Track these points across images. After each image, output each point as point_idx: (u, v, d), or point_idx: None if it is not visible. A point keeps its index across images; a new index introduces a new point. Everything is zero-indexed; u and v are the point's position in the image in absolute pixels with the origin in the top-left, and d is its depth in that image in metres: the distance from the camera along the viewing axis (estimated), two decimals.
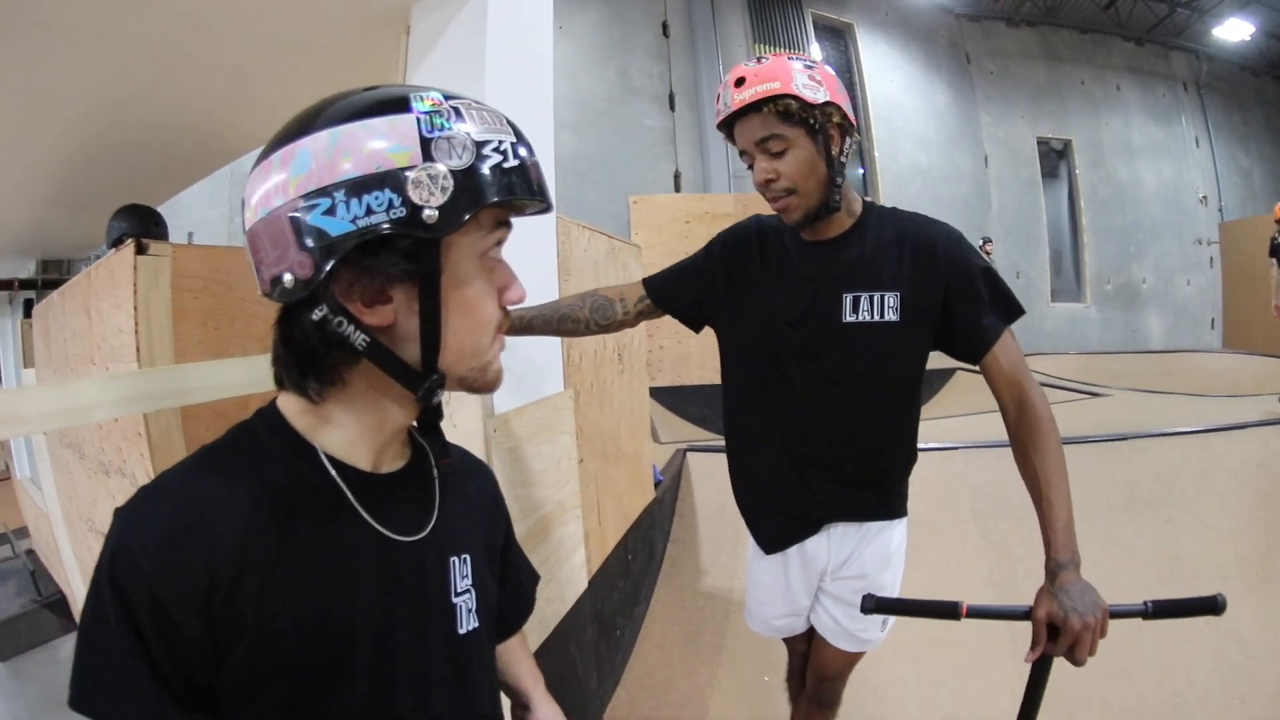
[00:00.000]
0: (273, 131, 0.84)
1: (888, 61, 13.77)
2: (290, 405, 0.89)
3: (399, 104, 0.80)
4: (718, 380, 2.03)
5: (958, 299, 1.73)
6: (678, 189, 11.37)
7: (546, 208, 0.90)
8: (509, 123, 0.86)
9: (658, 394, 7.16)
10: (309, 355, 0.84)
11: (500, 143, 0.83)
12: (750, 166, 1.70)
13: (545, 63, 2.51)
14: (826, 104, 1.63)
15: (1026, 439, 1.66)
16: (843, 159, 1.69)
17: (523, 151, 0.84)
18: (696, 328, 2.03)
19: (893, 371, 1.81)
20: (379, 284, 0.81)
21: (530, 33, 2.43)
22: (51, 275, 6.30)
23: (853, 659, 2.10)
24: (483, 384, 0.92)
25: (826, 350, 1.79)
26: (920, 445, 1.94)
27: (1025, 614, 1.48)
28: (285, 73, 2.94)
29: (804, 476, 1.87)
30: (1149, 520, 4.27)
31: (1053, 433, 1.65)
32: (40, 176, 4.01)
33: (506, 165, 0.82)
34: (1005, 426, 1.73)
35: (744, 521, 2.06)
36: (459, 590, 0.98)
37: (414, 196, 0.77)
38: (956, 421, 6.25)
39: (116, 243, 3.31)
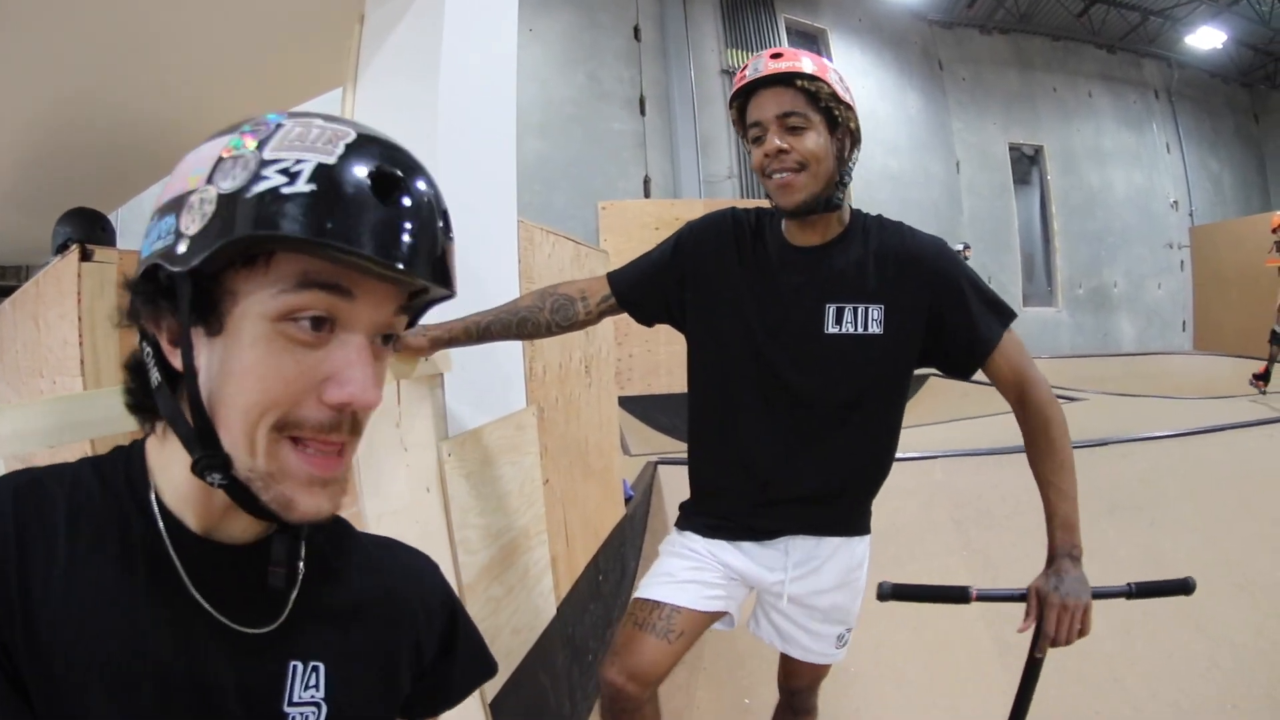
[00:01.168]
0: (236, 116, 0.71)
1: (860, 67, 13.80)
2: (151, 446, 0.76)
3: (238, 124, 0.68)
4: (687, 389, 1.93)
5: (948, 311, 1.70)
6: (647, 194, 11.30)
7: (385, 265, 0.64)
8: (360, 146, 0.65)
9: (626, 403, 7.14)
10: (131, 379, 0.76)
11: (296, 163, 0.62)
12: (756, 140, 1.64)
13: (508, 61, 2.44)
14: (849, 106, 1.63)
15: (1033, 436, 1.69)
16: (850, 164, 1.68)
17: (338, 179, 0.63)
18: (669, 323, 1.93)
19: (875, 387, 1.74)
20: (176, 322, 0.68)
21: (493, 28, 2.35)
22: (9, 281, 6.16)
23: (821, 669, 2.04)
24: (270, 502, 0.69)
25: (805, 362, 1.71)
26: (898, 455, 1.88)
27: (1022, 595, 1.60)
28: (240, 69, 2.86)
29: (769, 491, 1.78)
30: (1132, 525, 4.21)
31: (1057, 430, 1.67)
32: None
33: (287, 190, 0.61)
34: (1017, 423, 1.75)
35: (685, 513, 1.95)
36: (295, 700, 0.78)
37: (181, 223, 0.64)
38: (932, 429, 6.20)
39: (61, 249, 3.19)
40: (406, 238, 0.65)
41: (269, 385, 0.66)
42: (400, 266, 0.64)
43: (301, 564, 0.82)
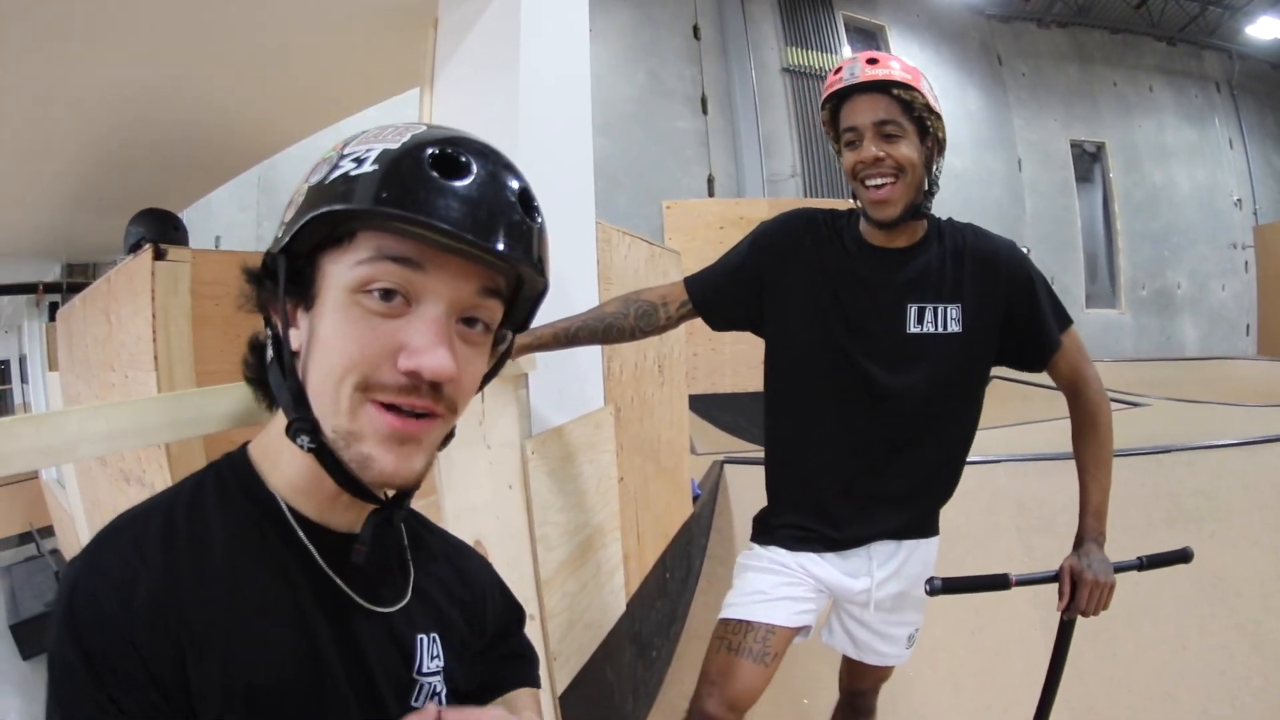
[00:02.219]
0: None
1: (919, 64, 13.18)
2: (256, 447, 0.82)
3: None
4: (752, 388, 1.96)
5: (1020, 310, 1.76)
6: (711, 193, 11.24)
7: (443, 232, 0.69)
8: (425, 134, 0.72)
9: (691, 402, 7.06)
10: (251, 356, 0.83)
11: (365, 151, 0.71)
12: (851, 145, 1.66)
13: (581, 60, 2.44)
14: (938, 115, 1.67)
15: (1081, 429, 1.82)
16: (937, 172, 1.73)
17: (399, 159, 0.69)
18: (748, 329, 1.95)
19: (956, 385, 1.78)
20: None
21: (566, 28, 2.36)
22: (76, 279, 6.33)
23: (886, 671, 2.08)
24: (350, 464, 0.74)
25: (888, 361, 1.74)
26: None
27: (1055, 575, 1.72)
28: (311, 71, 2.89)
29: (853, 493, 1.80)
30: (1192, 536, 4.05)
31: (1104, 427, 1.80)
32: (64, 179, 4.00)
33: (354, 173, 0.70)
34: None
35: (766, 526, 1.94)
36: (423, 670, 0.86)
37: (284, 217, 0.75)
38: (995, 433, 6.12)
39: (134, 248, 3.27)
40: (466, 208, 0.69)
41: (347, 348, 0.71)
42: (458, 232, 0.69)
43: (406, 543, 0.92)
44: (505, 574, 1.97)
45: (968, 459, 1.89)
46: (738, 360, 7.50)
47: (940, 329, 1.72)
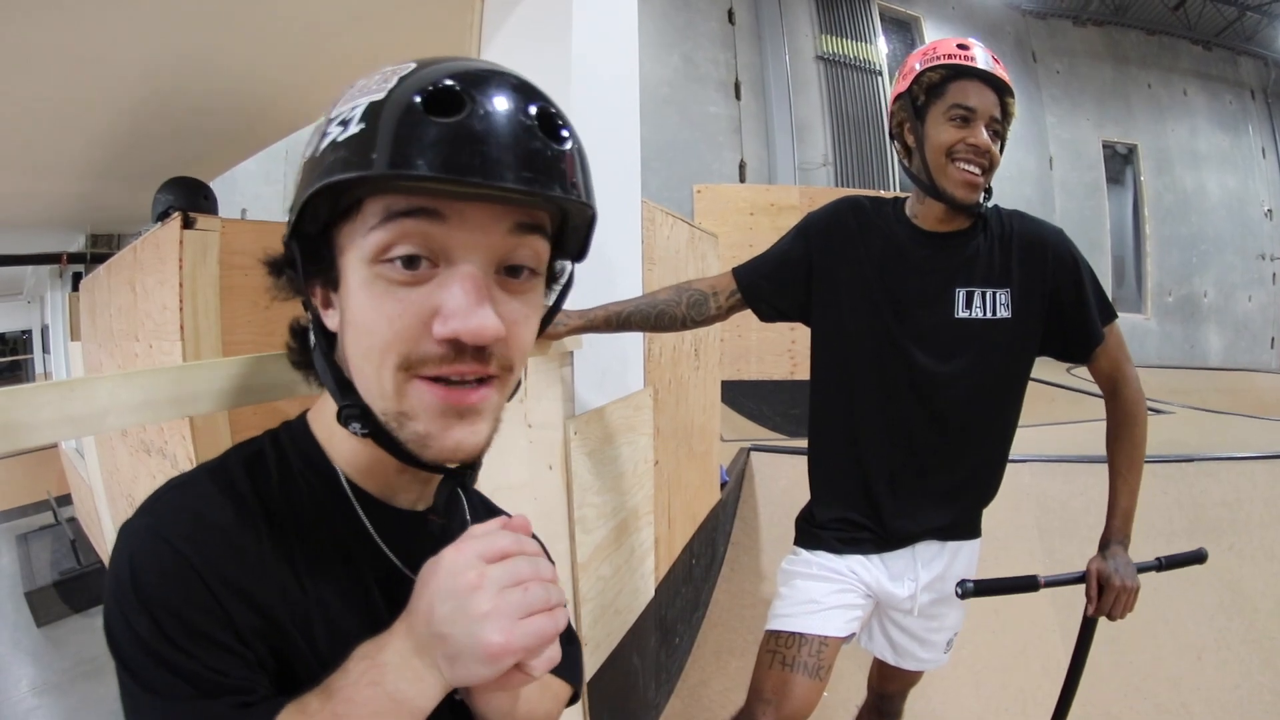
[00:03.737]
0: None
1: None
2: (315, 418, 0.79)
3: None
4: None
5: (1067, 297, 1.75)
6: (742, 179, 11.16)
7: (448, 180, 0.61)
8: (414, 74, 0.64)
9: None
10: (294, 341, 0.79)
11: (350, 110, 0.63)
12: (960, 122, 1.64)
13: (630, 34, 2.42)
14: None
15: (1116, 429, 1.81)
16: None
17: (388, 111, 0.61)
18: (796, 319, 1.93)
19: (1003, 371, 1.77)
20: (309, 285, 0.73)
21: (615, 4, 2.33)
22: (100, 249, 6.31)
23: (919, 674, 2.06)
24: (407, 444, 0.69)
25: (937, 346, 1.73)
26: None
27: (1081, 577, 1.74)
28: (348, 41, 2.85)
29: (897, 485, 1.78)
30: (1212, 547, 4.00)
31: (1140, 429, 1.79)
32: (90, 148, 3.96)
33: (342, 138, 0.62)
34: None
35: (812, 528, 1.89)
36: None
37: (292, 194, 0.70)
38: (1021, 433, 6.07)
39: (162, 216, 3.25)
40: (468, 145, 0.60)
41: (377, 328, 0.66)
42: (461, 177, 0.60)
43: (470, 520, 0.89)
44: None
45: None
46: (763, 347, 7.45)
47: (989, 314, 1.71)
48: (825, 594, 1.79)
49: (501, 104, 0.63)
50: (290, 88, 3.41)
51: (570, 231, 0.76)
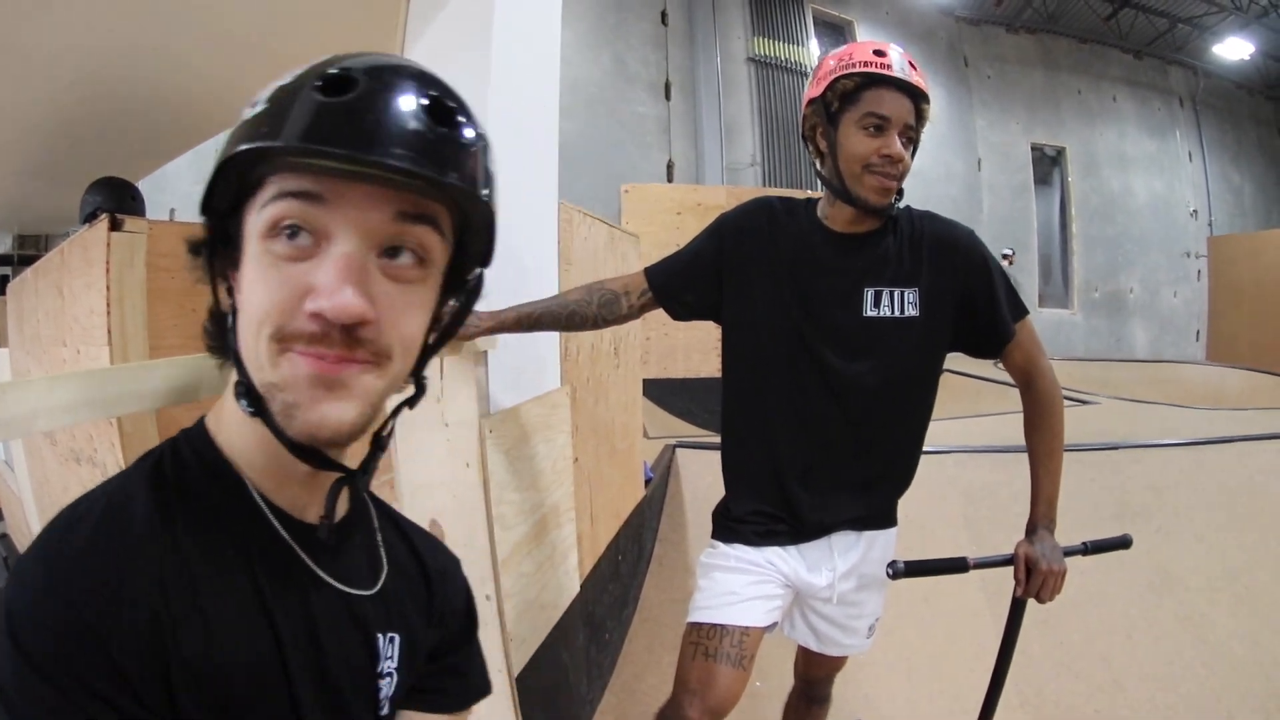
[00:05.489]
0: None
1: None
2: (213, 420, 0.78)
3: None
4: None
5: (978, 296, 1.77)
6: (670, 179, 11.25)
7: (337, 154, 0.62)
8: (327, 62, 0.67)
9: (643, 387, 7.05)
10: (212, 325, 0.77)
11: (262, 93, 0.67)
12: (875, 130, 1.65)
13: (553, 39, 2.43)
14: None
15: (1034, 418, 1.84)
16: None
17: (290, 92, 0.65)
18: (707, 317, 1.94)
19: (912, 369, 1.79)
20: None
21: (540, 6, 2.34)
22: (28, 251, 6.16)
23: (843, 660, 2.09)
24: (276, 415, 0.68)
25: (845, 345, 1.74)
26: None
27: (1009, 559, 1.76)
28: (276, 41, 2.83)
29: (811, 479, 1.80)
30: (1139, 531, 4.10)
31: (1057, 417, 1.83)
32: (15, 147, 3.87)
33: (248, 115, 0.66)
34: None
35: (728, 522, 1.91)
36: (381, 670, 0.83)
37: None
38: (947, 424, 6.21)
39: (90, 218, 3.17)
40: (347, 121, 0.62)
41: (260, 298, 0.66)
42: (327, 149, 0.62)
43: (380, 538, 0.88)
44: (463, 553, 1.93)
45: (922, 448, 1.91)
46: (690, 346, 7.52)
47: (897, 313, 1.73)
48: (744, 585, 1.80)
49: (393, 88, 0.65)
50: (219, 87, 3.36)
51: (473, 234, 0.76)
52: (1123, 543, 1.87)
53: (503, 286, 1.91)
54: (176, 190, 7.11)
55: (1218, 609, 3.72)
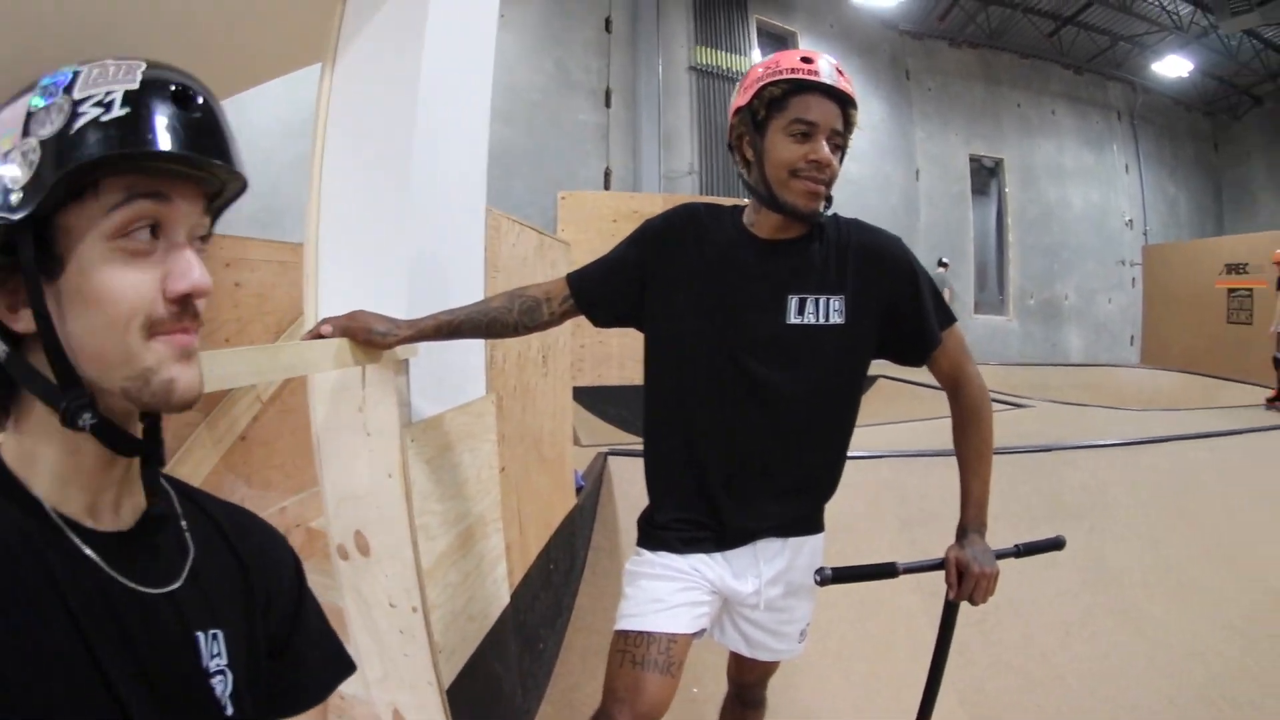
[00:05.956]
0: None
1: None
2: (7, 451, 0.76)
3: (29, 86, 0.72)
4: (638, 381, 1.91)
5: (904, 304, 1.76)
6: (607, 186, 11.24)
7: (204, 166, 0.74)
8: (153, 70, 0.72)
9: (577, 394, 7.03)
10: None
11: (107, 94, 0.68)
12: (802, 137, 1.64)
13: (487, 47, 2.41)
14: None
15: (962, 424, 1.83)
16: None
17: (146, 99, 0.69)
18: (629, 324, 1.90)
19: (836, 376, 1.77)
20: (12, 283, 0.71)
21: (476, 12, 2.32)
22: None
23: (775, 664, 2.07)
24: (152, 399, 0.74)
25: (768, 353, 1.72)
26: (847, 453, 1.90)
27: (940, 563, 1.75)
28: (206, 38, 2.73)
29: (734, 487, 1.77)
30: (1073, 529, 4.21)
31: (985, 422, 1.82)
32: None
33: (106, 118, 0.68)
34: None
35: (653, 529, 1.86)
36: (209, 669, 0.80)
37: (5, 179, 0.68)
38: (881, 429, 6.26)
39: None
40: (210, 133, 0.73)
41: (125, 295, 0.70)
42: (215, 161, 0.73)
43: (185, 525, 0.85)
44: (387, 565, 1.90)
45: (851, 454, 1.89)
46: (624, 353, 7.51)
47: (821, 320, 1.71)
48: (670, 593, 1.77)
49: (208, 100, 0.75)
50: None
51: (222, 204, 0.83)
52: (1055, 544, 1.86)
53: (427, 293, 1.95)
54: None
55: (1154, 603, 3.79)
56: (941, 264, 14.06)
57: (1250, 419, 7.46)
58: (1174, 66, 16.46)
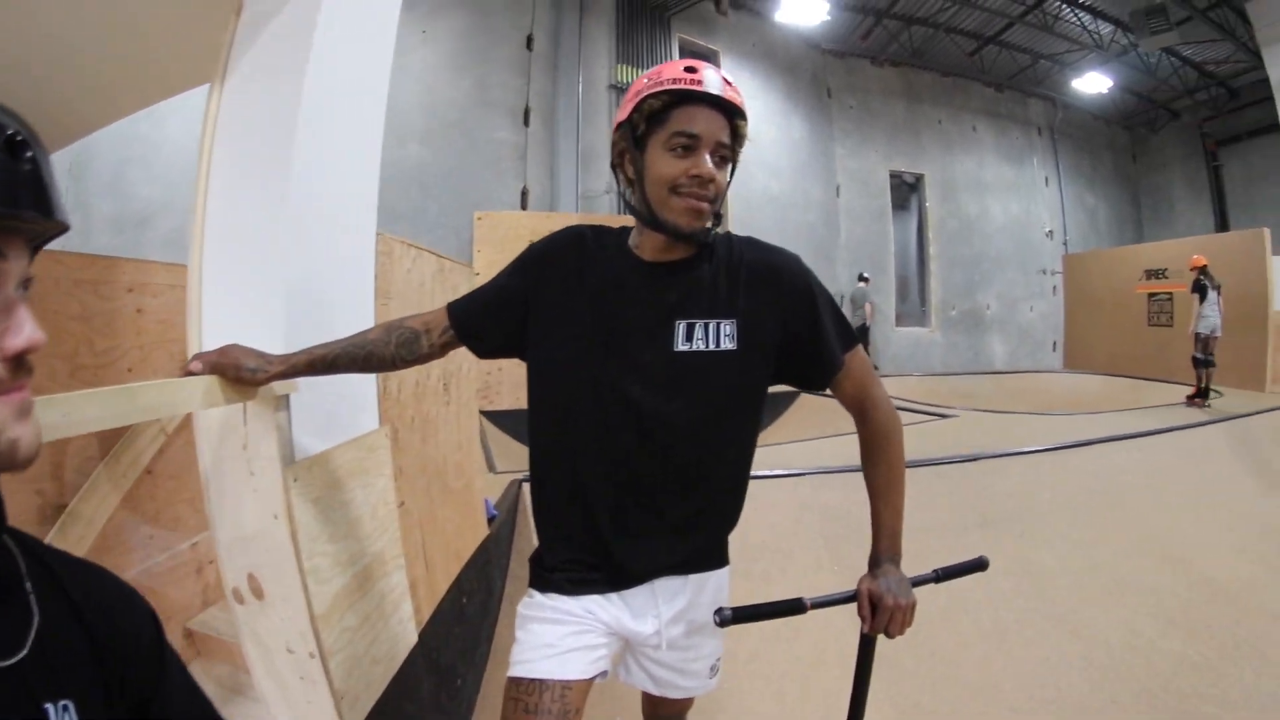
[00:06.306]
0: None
1: (748, 90, 13.77)
2: None
3: None
4: (529, 424, 1.76)
5: (801, 327, 1.64)
6: (524, 206, 11.08)
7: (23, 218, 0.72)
8: None
9: (496, 418, 6.99)
10: None
11: None
12: (684, 150, 1.51)
13: (383, 65, 2.35)
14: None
15: (871, 451, 1.71)
16: (724, 197, 1.62)
17: None
18: (513, 355, 1.77)
19: (729, 405, 1.64)
20: None
21: (372, 28, 2.27)
22: None
23: (690, 700, 1.96)
24: (2, 454, 0.72)
25: (655, 382, 1.59)
26: (768, 472, 1.80)
27: (853, 596, 1.63)
28: (107, 53, 2.59)
29: (625, 525, 1.64)
30: (1003, 536, 4.36)
31: (895, 447, 1.71)
32: None
33: None
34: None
35: (542, 570, 1.74)
36: None
37: None
38: (802, 446, 6.24)
39: None
40: (30, 188, 0.71)
41: None
42: (47, 215, 0.73)
43: (31, 592, 0.79)
44: (281, 609, 1.78)
45: (771, 473, 1.79)
46: None
47: (712, 346, 1.59)
48: (561, 637, 1.66)
49: (36, 150, 0.73)
50: (49, 101, 3.07)
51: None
52: (978, 565, 1.75)
53: (308, 323, 1.90)
54: None
55: (1090, 604, 3.83)
56: (862, 279, 14.35)
57: (1174, 417, 7.66)
58: (1094, 83, 17.08)
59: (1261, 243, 11.02)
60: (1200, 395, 9.22)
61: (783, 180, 14.13)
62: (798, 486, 4.26)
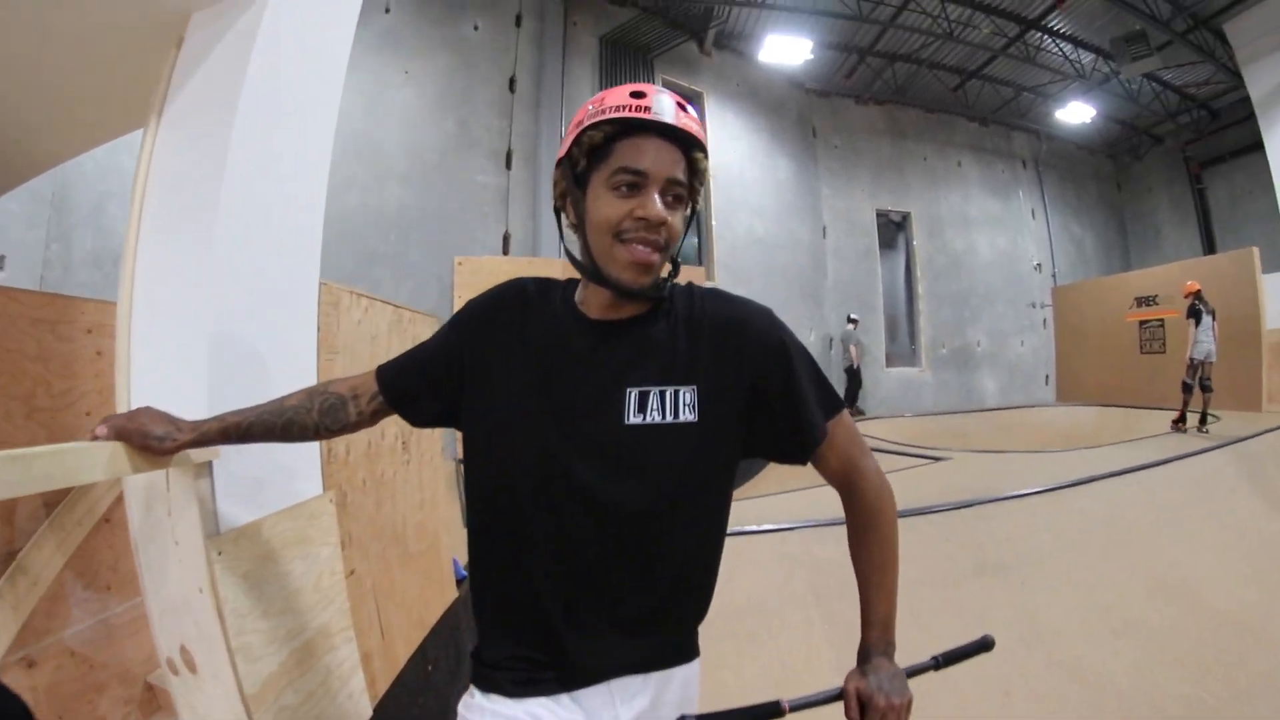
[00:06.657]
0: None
1: (733, 131, 14.07)
2: None
3: None
4: (465, 503, 1.56)
5: (774, 391, 1.40)
6: (506, 251, 10.91)
7: None
8: None
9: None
10: None
11: None
12: (630, 189, 1.31)
13: (330, 100, 2.25)
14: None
15: (859, 531, 1.50)
16: (680, 244, 1.39)
17: None
18: (452, 424, 1.55)
19: (691, 485, 1.39)
20: None
21: (316, 64, 2.17)
22: None
23: None
24: None
25: (603, 460, 1.36)
26: (754, 527, 1.61)
27: (839, 695, 1.42)
28: (57, 82, 2.50)
29: (576, 619, 1.40)
30: (1002, 584, 4.23)
31: (888, 526, 1.49)
32: None
33: None
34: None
35: (482, 667, 1.47)
36: None
37: None
38: (788, 498, 6.05)
39: None
40: None
41: None
42: None
43: None
44: (212, 686, 1.66)
45: (758, 529, 1.60)
46: None
47: (669, 418, 1.36)
48: None
49: None
50: (17, 129, 2.98)
51: None
52: (983, 645, 1.53)
53: (236, 381, 1.81)
54: (9, 235, 6.78)
55: (1096, 650, 3.71)
56: (851, 320, 14.36)
57: (1172, 446, 7.54)
58: (1077, 113, 17.16)
59: (1251, 262, 11.06)
60: (1183, 420, 9.20)
61: (768, 221, 14.10)
62: (785, 541, 4.08)
